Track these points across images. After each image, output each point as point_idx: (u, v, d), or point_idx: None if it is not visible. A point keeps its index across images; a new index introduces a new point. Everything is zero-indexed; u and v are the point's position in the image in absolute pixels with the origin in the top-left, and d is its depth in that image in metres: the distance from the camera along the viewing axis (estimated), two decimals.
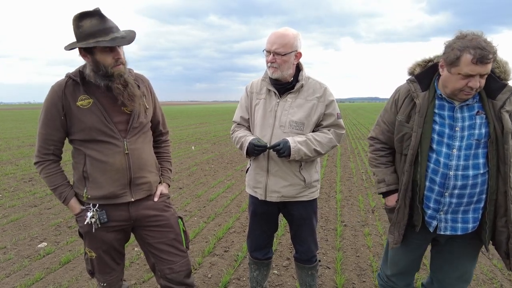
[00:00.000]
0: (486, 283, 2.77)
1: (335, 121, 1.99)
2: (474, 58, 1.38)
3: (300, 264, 2.25)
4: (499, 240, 1.59)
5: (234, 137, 2.10)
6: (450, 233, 1.62)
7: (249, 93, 2.09)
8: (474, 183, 1.53)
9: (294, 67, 1.95)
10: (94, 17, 1.52)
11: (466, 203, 1.57)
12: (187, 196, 5.45)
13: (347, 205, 4.90)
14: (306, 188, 2.02)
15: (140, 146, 1.75)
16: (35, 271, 3.00)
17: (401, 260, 1.83)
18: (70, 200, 1.70)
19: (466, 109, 1.55)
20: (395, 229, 1.74)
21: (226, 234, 3.84)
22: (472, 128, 1.53)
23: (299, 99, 1.95)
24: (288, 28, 1.91)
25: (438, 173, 1.57)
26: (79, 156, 1.68)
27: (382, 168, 1.82)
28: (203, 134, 15.45)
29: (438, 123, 1.59)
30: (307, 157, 1.90)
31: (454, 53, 1.43)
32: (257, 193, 2.07)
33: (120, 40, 1.55)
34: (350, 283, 2.80)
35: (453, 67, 1.45)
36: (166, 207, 1.87)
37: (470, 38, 1.41)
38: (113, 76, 1.59)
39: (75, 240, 3.66)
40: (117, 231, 1.76)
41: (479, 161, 1.53)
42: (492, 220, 1.57)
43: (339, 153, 9.44)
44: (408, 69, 1.74)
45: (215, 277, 2.89)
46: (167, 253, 1.82)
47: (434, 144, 1.58)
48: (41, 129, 1.66)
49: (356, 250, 3.43)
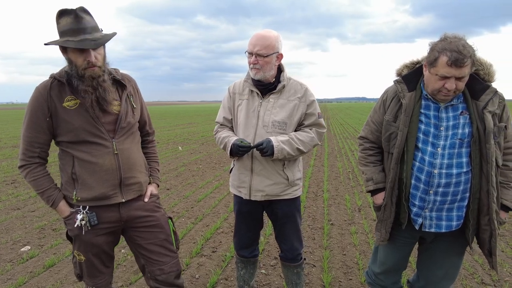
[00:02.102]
0: (468, 278, 2.86)
1: (316, 120, 2.04)
2: (449, 60, 1.43)
3: (285, 263, 2.27)
4: (483, 238, 1.64)
5: (217, 138, 2.12)
6: (435, 230, 1.66)
7: (231, 94, 2.12)
8: (457, 182, 1.58)
9: (276, 68, 1.99)
10: (70, 16, 1.50)
11: (450, 201, 1.61)
12: (175, 197, 5.41)
13: (334, 204, 4.96)
14: (290, 186, 2.06)
15: (129, 146, 1.73)
16: (18, 275, 2.93)
17: (389, 258, 1.86)
18: (58, 203, 1.66)
19: (451, 109, 1.60)
20: (382, 226, 1.78)
21: (214, 234, 3.84)
22: (456, 128, 1.58)
23: (281, 99, 1.99)
24: (270, 30, 1.96)
25: (423, 171, 1.62)
26: (67, 158, 1.66)
27: (371, 167, 1.87)
28: (191, 135, 15.37)
29: (424, 123, 1.63)
30: (290, 156, 1.94)
31: (433, 54, 1.50)
32: (241, 192, 2.09)
33: (87, 43, 1.50)
34: (337, 281, 2.84)
35: (432, 67, 1.52)
36: (156, 208, 1.86)
37: (449, 41, 1.47)
38: (84, 77, 1.56)
39: (60, 243, 3.59)
40: (107, 233, 1.74)
41: (462, 160, 1.58)
42: (475, 219, 1.61)
43: (326, 153, 9.54)
44: (396, 71, 1.79)
45: (203, 278, 2.88)
46: (157, 254, 1.81)
47: (420, 143, 1.63)
48: (25, 132, 1.62)
49: (343, 249, 3.48)
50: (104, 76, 1.61)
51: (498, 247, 3.22)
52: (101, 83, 1.59)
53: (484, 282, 2.79)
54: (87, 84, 1.57)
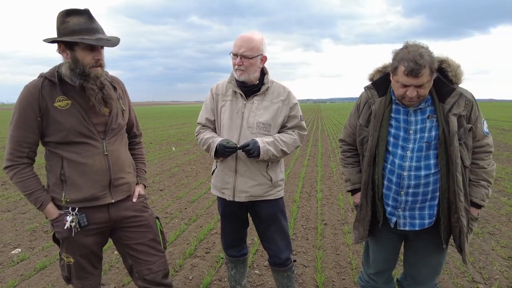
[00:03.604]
0: (459, 276, 2.89)
1: (298, 123, 2.08)
2: (406, 70, 1.48)
3: (274, 268, 2.26)
4: (454, 234, 1.70)
5: (200, 139, 2.10)
6: (409, 228, 1.72)
7: (214, 94, 2.12)
8: (426, 182, 1.64)
9: (259, 70, 2.01)
10: (83, 16, 1.55)
11: (421, 201, 1.67)
12: (168, 197, 5.39)
13: (327, 204, 4.98)
14: (273, 187, 2.08)
15: (118, 147, 1.75)
16: (8, 278, 2.89)
17: (377, 255, 1.91)
18: (47, 205, 1.65)
19: (420, 112, 1.65)
20: (360, 225, 1.86)
21: (208, 235, 3.83)
22: (423, 132, 1.63)
23: (265, 101, 2.02)
24: (255, 31, 1.97)
25: (394, 173, 1.68)
26: (55, 158, 1.64)
27: (349, 168, 1.95)
28: (184, 135, 15.30)
29: (394, 127, 1.69)
30: (274, 157, 1.97)
31: (394, 63, 1.55)
32: (224, 194, 2.08)
33: (105, 41, 1.57)
34: (330, 281, 2.85)
35: (394, 75, 1.57)
36: (144, 208, 1.88)
37: (408, 50, 1.51)
38: (89, 77, 1.58)
39: (51, 245, 3.55)
40: (96, 234, 1.74)
41: (430, 162, 1.63)
42: (446, 216, 1.67)
43: (320, 153, 9.58)
44: (369, 76, 1.83)
45: (196, 279, 2.88)
46: (145, 254, 1.82)
47: (390, 146, 1.69)
48: (13, 132, 1.60)
49: (336, 248, 3.49)
50: (104, 77, 1.66)
51: (481, 252, 3.27)
52: (103, 82, 1.64)
53: (475, 280, 2.82)
54: (92, 83, 1.59)
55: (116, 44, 1.62)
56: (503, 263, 3.13)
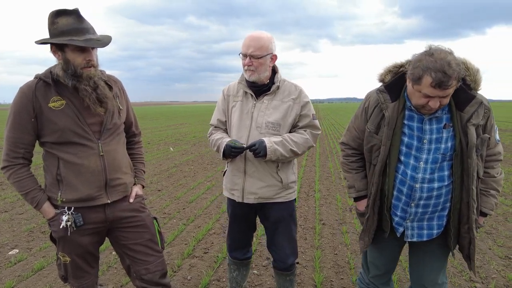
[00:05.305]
0: (456, 275, 2.91)
1: (310, 122, 2.03)
2: (434, 82, 1.34)
3: (278, 271, 2.24)
4: (463, 244, 1.65)
5: (211, 140, 2.10)
6: (417, 239, 1.66)
7: (226, 96, 2.11)
8: (438, 194, 1.57)
9: (270, 69, 1.98)
10: (71, 16, 1.52)
11: (431, 212, 1.61)
12: (166, 198, 5.38)
13: (325, 204, 4.99)
14: (283, 189, 2.03)
15: (114, 147, 1.74)
16: (6, 279, 2.88)
17: (377, 259, 1.87)
18: (43, 204, 1.66)
19: (435, 121, 1.54)
20: (365, 235, 1.77)
21: (206, 235, 3.83)
22: (439, 142, 1.53)
23: (275, 100, 1.98)
24: (263, 31, 1.95)
25: (405, 184, 1.59)
26: (51, 159, 1.65)
27: (353, 173, 1.84)
28: (182, 135, 15.29)
29: (407, 135, 1.58)
30: (283, 157, 1.92)
31: (417, 72, 1.39)
32: (234, 195, 2.07)
33: (94, 42, 1.54)
34: (328, 281, 2.86)
35: (415, 85, 1.42)
36: (141, 208, 1.87)
37: (434, 59, 1.35)
38: (82, 77, 1.57)
39: (49, 245, 3.54)
40: (92, 234, 1.74)
41: (444, 174, 1.55)
42: (456, 227, 1.62)
43: (318, 153, 9.59)
44: (379, 76, 1.67)
45: (195, 279, 2.87)
46: (142, 254, 1.82)
47: (402, 156, 1.59)
48: (9, 133, 1.61)
49: (334, 248, 3.50)
50: (98, 77, 1.64)
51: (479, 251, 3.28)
52: (97, 82, 1.62)
53: (473, 280, 2.84)
54: (85, 84, 1.58)
55: (107, 44, 1.59)
56: (500, 262, 3.15)
